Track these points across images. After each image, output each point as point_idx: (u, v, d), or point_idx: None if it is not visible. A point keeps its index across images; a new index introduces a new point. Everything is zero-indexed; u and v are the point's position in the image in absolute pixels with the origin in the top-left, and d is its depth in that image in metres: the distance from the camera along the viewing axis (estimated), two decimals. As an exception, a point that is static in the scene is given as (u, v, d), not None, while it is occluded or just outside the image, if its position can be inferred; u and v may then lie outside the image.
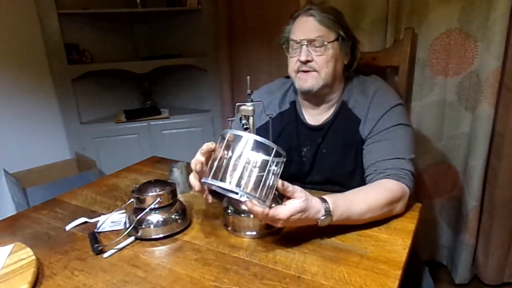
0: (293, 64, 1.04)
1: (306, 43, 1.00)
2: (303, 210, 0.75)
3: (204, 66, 2.31)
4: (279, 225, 0.77)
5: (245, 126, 0.84)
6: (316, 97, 1.07)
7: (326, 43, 0.99)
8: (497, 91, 1.39)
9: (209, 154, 0.82)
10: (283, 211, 0.74)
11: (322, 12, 1.00)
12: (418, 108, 1.58)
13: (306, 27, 1.01)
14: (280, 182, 0.75)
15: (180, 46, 2.43)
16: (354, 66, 1.10)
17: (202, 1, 2.17)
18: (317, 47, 1.00)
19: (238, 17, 2.02)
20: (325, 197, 0.80)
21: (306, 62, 1.00)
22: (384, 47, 1.53)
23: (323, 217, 0.78)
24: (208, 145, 0.82)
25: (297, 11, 1.07)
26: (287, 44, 1.08)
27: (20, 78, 2.00)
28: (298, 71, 1.03)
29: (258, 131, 0.88)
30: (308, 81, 1.02)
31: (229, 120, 0.95)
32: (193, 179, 0.82)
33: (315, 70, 1.01)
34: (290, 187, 0.75)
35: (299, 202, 0.75)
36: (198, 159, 0.82)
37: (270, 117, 0.90)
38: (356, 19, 1.53)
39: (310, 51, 1.00)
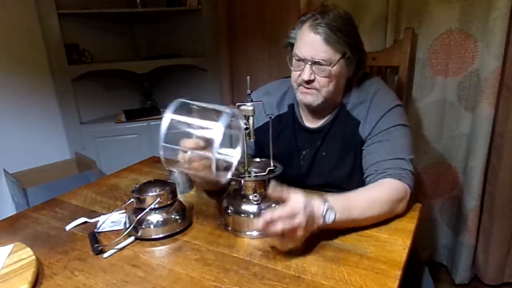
0: (295, 77, 1.03)
1: (310, 63, 0.98)
2: (305, 206, 0.74)
3: (204, 66, 2.31)
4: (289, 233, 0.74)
5: (245, 126, 0.84)
6: (315, 107, 1.07)
7: (331, 67, 0.97)
8: (497, 91, 1.40)
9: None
10: (282, 210, 0.73)
11: (331, 31, 0.96)
12: (418, 108, 1.59)
13: (312, 46, 0.97)
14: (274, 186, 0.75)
15: (180, 46, 2.43)
16: (358, 76, 1.07)
17: (202, 1, 2.17)
18: (321, 65, 0.97)
19: (238, 17, 2.02)
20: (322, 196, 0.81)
21: (308, 81, 0.99)
22: (384, 47, 1.54)
23: (326, 211, 0.77)
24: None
25: (305, 14, 1.02)
26: (291, 48, 1.04)
27: (20, 78, 1.99)
28: (299, 85, 1.03)
29: (257, 132, 0.88)
30: (308, 97, 1.02)
31: (229, 120, 0.94)
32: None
33: (316, 89, 1.00)
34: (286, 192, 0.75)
35: (299, 197, 0.75)
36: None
37: (270, 117, 0.90)
38: (356, 19, 1.51)
39: (313, 69, 0.98)
